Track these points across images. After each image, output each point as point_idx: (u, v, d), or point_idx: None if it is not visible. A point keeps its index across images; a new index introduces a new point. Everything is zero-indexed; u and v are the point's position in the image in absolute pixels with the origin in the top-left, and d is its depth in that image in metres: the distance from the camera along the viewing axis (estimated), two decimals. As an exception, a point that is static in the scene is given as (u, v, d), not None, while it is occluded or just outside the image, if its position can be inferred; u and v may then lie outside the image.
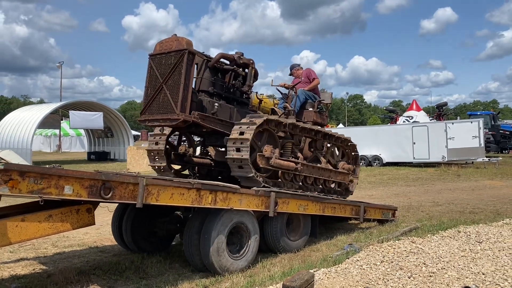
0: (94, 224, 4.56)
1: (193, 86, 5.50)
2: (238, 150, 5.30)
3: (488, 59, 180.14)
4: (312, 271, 4.38)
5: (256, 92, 6.49)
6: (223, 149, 6.23)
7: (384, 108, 29.15)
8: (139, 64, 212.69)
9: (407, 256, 4.89)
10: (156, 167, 6.42)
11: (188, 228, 5.14)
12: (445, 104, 24.27)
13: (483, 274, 4.24)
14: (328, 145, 7.04)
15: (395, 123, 23.88)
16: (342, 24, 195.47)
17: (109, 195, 3.96)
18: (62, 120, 40.75)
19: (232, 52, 5.99)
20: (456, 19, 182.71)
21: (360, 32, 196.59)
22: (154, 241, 6.07)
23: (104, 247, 6.48)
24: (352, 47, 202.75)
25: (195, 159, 6.65)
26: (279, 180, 5.99)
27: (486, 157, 19.81)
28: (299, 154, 6.35)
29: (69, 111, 25.86)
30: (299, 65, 7.85)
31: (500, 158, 19.91)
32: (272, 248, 5.85)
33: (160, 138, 6.30)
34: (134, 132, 74.25)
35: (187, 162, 6.60)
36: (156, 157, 6.33)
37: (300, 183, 6.34)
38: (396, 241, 5.61)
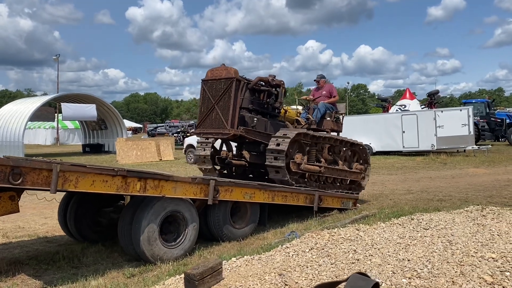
0: (18, 211, 4.53)
1: None
2: (275, 158, 6.49)
3: (496, 47, 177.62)
4: (234, 258, 4.29)
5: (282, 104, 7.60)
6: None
7: (376, 97, 28.85)
8: (144, 57, 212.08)
9: (341, 243, 4.78)
10: (203, 169, 7.82)
11: (122, 218, 5.08)
12: (437, 92, 23.87)
13: (408, 260, 4.12)
14: (344, 149, 8.19)
15: (387, 112, 23.62)
16: (348, 13, 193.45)
17: (19, 181, 3.89)
18: (61, 113, 40.81)
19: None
20: (464, 5, 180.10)
21: (367, 21, 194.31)
22: (100, 231, 6.03)
23: (53, 237, 6.45)
24: (358, 36, 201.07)
25: (233, 161, 7.75)
26: (306, 180, 7.12)
27: (476, 145, 19.53)
28: (321, 159, 7.49)
29: (62, 103, 25.85)
30: (324, 76, 9.17)
31: (490, 146, 19.61)
32: (216, 236, 5.78)
33: (206, 145, 7.74)
34: (136, 124, 74.45)
35: (227, 164, 7.83)
36: (204, 160, 7.71)
37: (322, 182, 7.56)
38: (341, 228, 5.51)
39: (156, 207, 4.90)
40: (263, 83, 6.94)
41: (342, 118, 9.01)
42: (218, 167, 8.00)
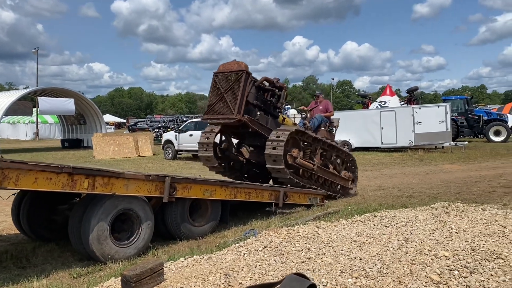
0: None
1: None
2: (274, 148, 6.90)
3: (480, 44, 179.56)
4: (182, 259, 4.16)
5: (280, 112, 8.08)
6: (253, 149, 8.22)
7: (357, 93, 28.93)
8: (129, 51, 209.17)
9: (297, 241, 4.68)
10: (204, 155, 7.97)
11: (72, 216, 4.91)
12: (416, 88, 23.99)
13: (359, 259, 4.04)
14: (334, 156, 8.78)
15: (367, 108, 23.67)
16: (336, 9, 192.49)
17: (-49, 179, 3.70)
18: (38, 107, 39.88)
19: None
20: (450, 3, 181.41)
21: (354, 17, 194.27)
22: (54, 229, 5.83)
23: (7, 236, 6.24)
24: (345, 32, 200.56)
25: (232, 155, 8.22)
26: (299, 176, 7.52)
27: (454, 141, 19.68)
28: (315, 159, 8.00)
29: (38, 97, 25.32)
30: (321, 92, 10.52)
31: (466, 143, 19.79)
32: (174, 235, 5.64)
33: (210, 134, 7.95)
34: (119, 119, 73.46)
35: (227, 156, 8.23)
36: (206, 147, 7.91)
37: (314, 181, 7.98)
38: (300, 226, 5.41)
39: (106, 205, 4.73)
40: (268, 83, 7.46)
41: (335, 131, 9.82)
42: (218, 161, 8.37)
